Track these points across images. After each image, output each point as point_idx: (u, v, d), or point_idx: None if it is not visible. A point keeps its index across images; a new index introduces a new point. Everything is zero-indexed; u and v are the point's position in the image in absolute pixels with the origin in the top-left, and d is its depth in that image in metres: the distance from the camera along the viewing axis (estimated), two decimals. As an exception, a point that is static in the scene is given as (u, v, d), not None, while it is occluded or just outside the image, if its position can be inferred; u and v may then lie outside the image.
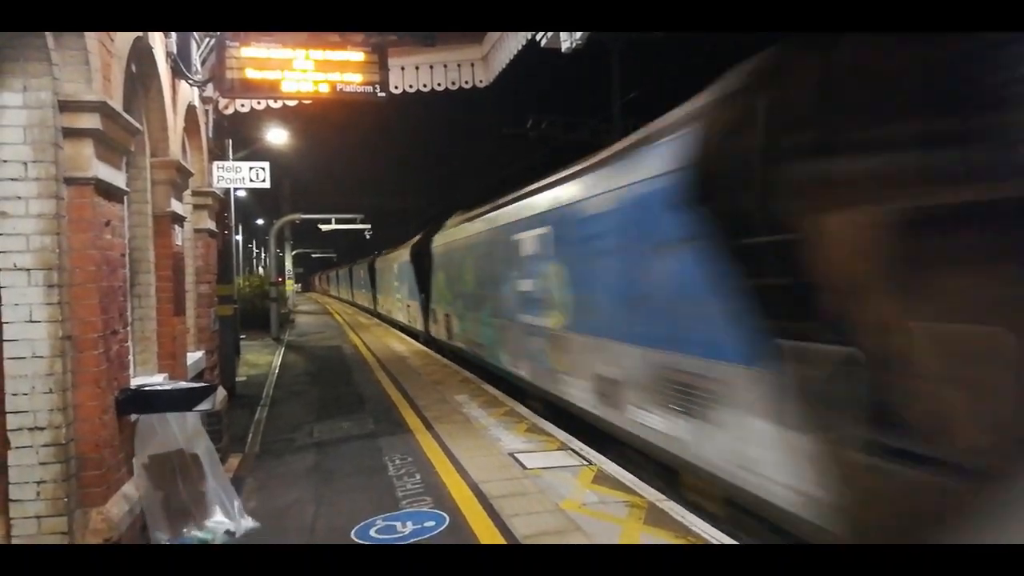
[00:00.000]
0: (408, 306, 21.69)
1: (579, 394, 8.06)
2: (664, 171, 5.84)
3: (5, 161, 3.74)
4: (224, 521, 5.13)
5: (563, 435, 7.96)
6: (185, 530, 4.79)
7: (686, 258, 5.50)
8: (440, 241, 16.39)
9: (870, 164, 3.90)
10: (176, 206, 6.32)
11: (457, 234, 14.63)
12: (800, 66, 4.52)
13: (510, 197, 11.33)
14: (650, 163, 6.17)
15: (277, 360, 16.72)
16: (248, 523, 5.29)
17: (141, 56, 5.31)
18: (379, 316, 30.22)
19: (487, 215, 12.41)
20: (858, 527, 3.98)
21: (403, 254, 22.17)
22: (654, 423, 6.27)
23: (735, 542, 4.80)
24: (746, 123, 4.77)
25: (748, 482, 4.97)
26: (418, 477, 6.49)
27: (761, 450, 4.75)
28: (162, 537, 4.63)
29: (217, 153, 9.97)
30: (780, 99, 4.53)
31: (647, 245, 6.19)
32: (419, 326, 19.60)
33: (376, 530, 5.20)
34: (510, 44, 8.84)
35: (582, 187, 7.93)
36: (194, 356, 7.14)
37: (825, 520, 4.19)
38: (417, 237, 20.45)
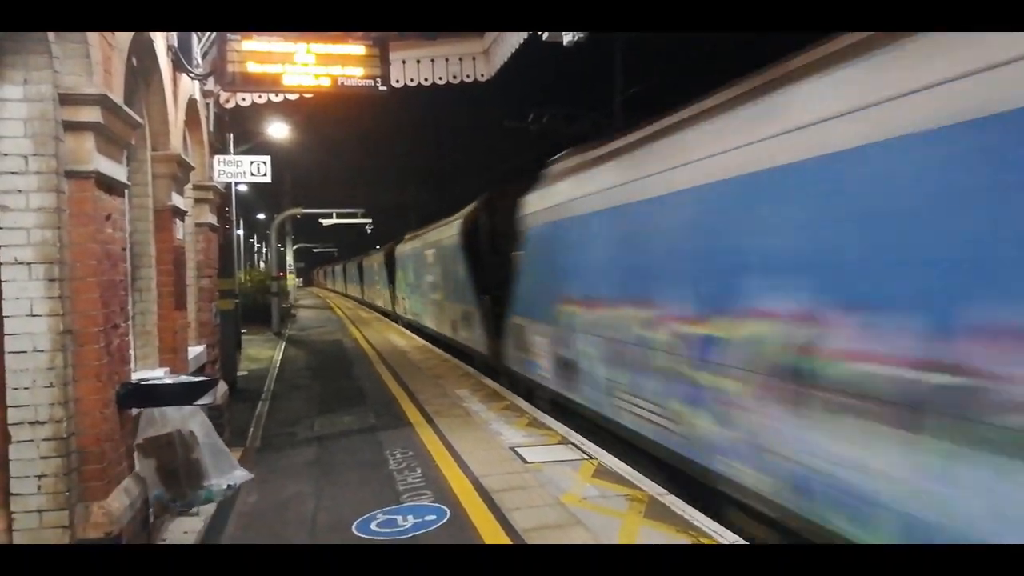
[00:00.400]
0: (383, 293, 31.53)
1: (448, 331, 16.52)
2: (454, 234, 14.81)
3: (5, 155, 3.72)
4: (222, 479, 5.14)
5: (563, 429, 7.98)
6: (188, 492, 4.79)
7: (464, 268, 14.02)
8: (400, 250, 25.07)
9: (517, 236, 10.32)
10: (177, 200, 6.31)
11: (406, 246, 23.29)
12: (499, 198, 12.90)
13: (425, 229, 20.02)
14: (451, 229, 15.23)
15: (278, 355, 16.75)
16: (243, 474, 5.33)
17: (142, 49, 5.30)
18: (365, 303, 40.71)
19: (417, 237, 20.98)
20: (489, 354, 12.65)
21: (380, 257, 31.77)
22: (464, 335, 14.71)
23: (735, 540, 4.81)
24: (479, 219, 13.83)
25: (478, 346, 13.42)
26: (419, 471, 6.51)
27: (479, 333, 13.31)
28: (163, 496, 4.63)
29: (218, 147, 9.96)
30: (491, 211, 13.45)
31: (455, 261, 14.78)
32: (390, 307, 29.21)
33: (377, 524, 5.21)
34: (512, 38, 8.81)
35: (436, 234, 17.38)
36: (195, 350, 7.14)
37: (483, 350, 13.09)
38: (389, 245, 29.49)
